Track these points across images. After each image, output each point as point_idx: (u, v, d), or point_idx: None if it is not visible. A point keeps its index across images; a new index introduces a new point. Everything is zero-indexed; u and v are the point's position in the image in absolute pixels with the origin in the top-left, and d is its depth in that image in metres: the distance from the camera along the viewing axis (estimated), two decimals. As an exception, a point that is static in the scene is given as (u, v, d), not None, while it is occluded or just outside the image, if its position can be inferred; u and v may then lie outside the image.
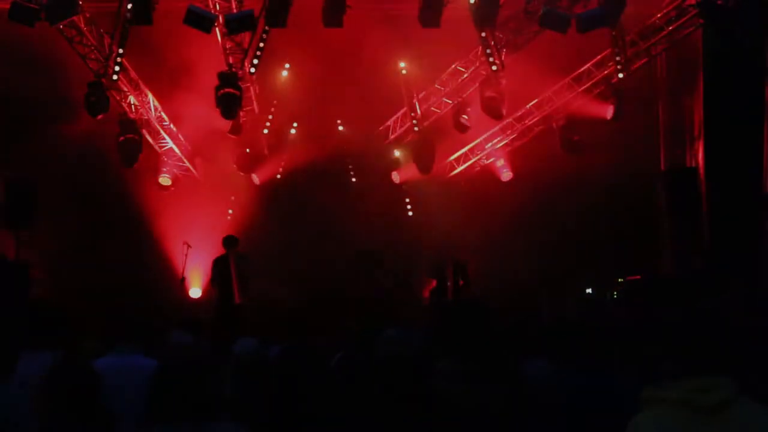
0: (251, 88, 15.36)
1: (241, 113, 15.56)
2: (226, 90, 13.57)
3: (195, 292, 16.31)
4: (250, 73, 14.28)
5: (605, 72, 15.53)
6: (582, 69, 15.96)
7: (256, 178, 17.30)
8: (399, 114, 17.62)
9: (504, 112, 15.40)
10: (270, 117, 16.95)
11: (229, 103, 13.79)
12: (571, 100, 16.44)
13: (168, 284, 15.35)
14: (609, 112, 15.26)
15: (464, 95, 16.27)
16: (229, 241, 14.12)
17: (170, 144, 16.55)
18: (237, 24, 12.41)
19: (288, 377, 3.99)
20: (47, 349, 4.65)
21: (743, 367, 2.85)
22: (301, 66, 16.37)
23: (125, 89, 14.77)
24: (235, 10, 12.99)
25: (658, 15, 14.26)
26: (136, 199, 16.49)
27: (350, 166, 18.61)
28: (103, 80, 13.70)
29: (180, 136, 16.90)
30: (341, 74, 16.37)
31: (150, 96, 15.54)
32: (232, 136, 16.08)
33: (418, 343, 3.60)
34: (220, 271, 14.03)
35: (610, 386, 3.96)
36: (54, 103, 15.15)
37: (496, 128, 16.99)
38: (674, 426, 2.71)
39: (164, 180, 16.62)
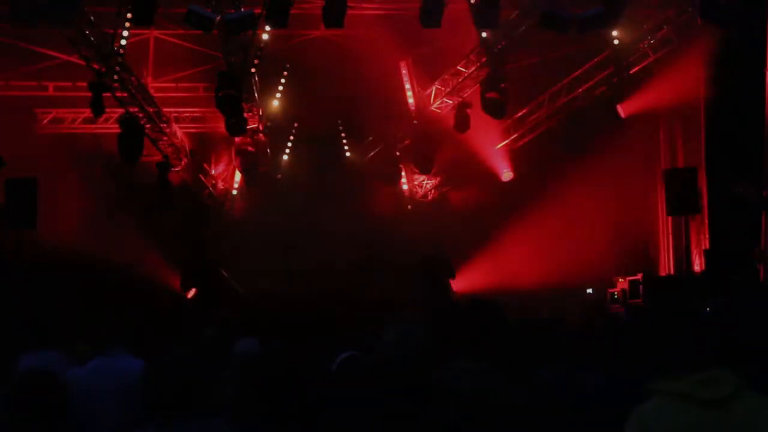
0: (251, 89, 15.36)
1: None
2: (227, 91, 13.57)
3: None
4: (250, 73, 14.28)
5: (605, 72, 15.54)
6: (582, 69, 15.97)
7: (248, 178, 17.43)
8: (400, 114, 17.64)
9: (505, 112, 15.41)
10: (270, 117, 16.97)
11: (229, 103, 13.78)
12: (572, 101, 16.46)
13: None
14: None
15: (465, 95, 16.28)
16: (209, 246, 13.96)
17: (171, 144, 16.57)
18: (237, 24, 12.40)
19: (288, 378, 3.99)
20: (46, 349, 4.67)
21: (747, 362, 2.85)
22: (302, 66, 16.39)
23: (125, 89, 14.77)
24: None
25: (659, 15, 14.27)
26: (138, 198, 16.55)
27: (351, 166, 18.63)
28: (105, 80, 13.71)
29: (181, 135, 16.93)
30: (342, 74, 16.40)
31: (151, 95, 15.55)
32: (233, 136, 16.09)
33: (420, 344, 3.60)
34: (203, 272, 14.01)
35: (614, 386, 3.97)
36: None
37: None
38: (677, 417, 2.73)
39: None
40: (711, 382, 2.72)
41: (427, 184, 18.98)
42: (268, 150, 17.48)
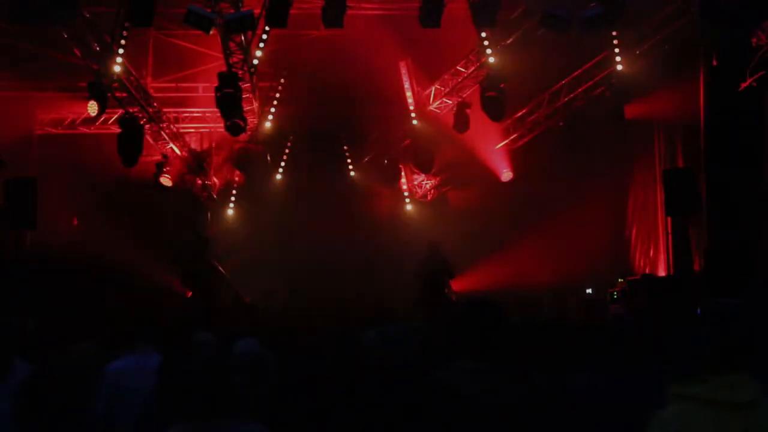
0: (251, 89, 15.36)
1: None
2: (226, 90, 13.57)
3: None
4: (250, 73, 14.27)
5: (605, 72, 15.54)
6: (582, 69, 15.97)
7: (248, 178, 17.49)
8: (400, 114, 17.64)
9: (504, 112, 15.41)
10: (270, 117, 16.97)
11: (229, 103, 13.79)
12: (572, 101, 16.46)
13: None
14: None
15: (465, 95, 16.28)
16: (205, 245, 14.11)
17: (170, 144, 16.58)
18: (237, 24, 12.40)
19: (286, 378, 3.99)
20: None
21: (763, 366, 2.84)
22: (301, 66, 16.39)
23: (125, 89, 14.77)
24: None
25: (658, 15, 14.25)
26: (137, 198, 16.58)
27: (350, 167, 18.65)
28: (104, 80, 13.71)
29: (181, 135, 16.93)
30: (341, 74, 16.40)
31: (150, 96, 15.55)
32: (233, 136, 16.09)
33: (411, 346, 3.58)
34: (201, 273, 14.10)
35: (614, 386, 3.96)
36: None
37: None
38: (700, 422, 2.70)
39: (165, 180, 16.66)
40: (733, 387, 2.70)
41: (426, 184, 18.99)
42: (268, 150, 17.49)
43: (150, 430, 3.55)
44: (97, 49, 13.29)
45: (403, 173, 18.59)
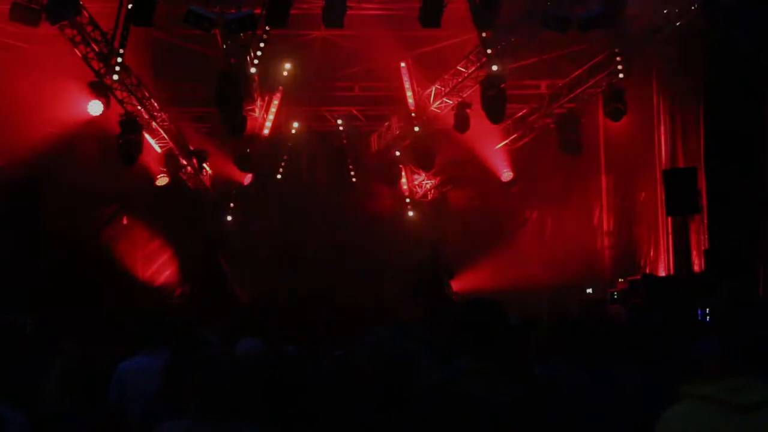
0: (252, 88, 15.37)
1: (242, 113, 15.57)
2: (227, 91, 13.59)
3: None
4: (250, 73, 14.29)
5: (605, 72, 15.54)
6: (582, 69, 15.98)
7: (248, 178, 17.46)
8: (400, 114, 17.65)
9: (504, 113, 15.42)
10: (271, 117, 16.99)
11: (229, 103, 13.81)
12: (572, 101, 16.47)
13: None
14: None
15: (464, 95, 16.28)
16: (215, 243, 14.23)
17: (170, 144, 16.58)
18: (237, 24, 12.42)
19: (283, 378, 3.99)
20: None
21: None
22: (302, 66, 16.40)
23: (126, 89, 14.77)
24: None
25: (658, 15, 14.26)
26: (137, 199, 16.59)
27: (351, 167, 18.66)
28: (104, 80, 13.73)
29: (181, 135, 16.93)
30: (341, 74, 16.41)
31: (151, 95, 15.55)
32: (233, 136, 16.11)
33: (410, 346, 3.58)
34: (207, 272, 14.12)
35: (616, 385, 3.97)
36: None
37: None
38: (706, 422, 2.70)
39: (162, 180, 16.68)
40: (742, 388, 2.70)
41: (427, 184, 19.00)
42: (268, 150, 17.50)
43: (150, 429, 3.57)
44: (97, 48, 13.31)
45: (403, 173, 18.60)
